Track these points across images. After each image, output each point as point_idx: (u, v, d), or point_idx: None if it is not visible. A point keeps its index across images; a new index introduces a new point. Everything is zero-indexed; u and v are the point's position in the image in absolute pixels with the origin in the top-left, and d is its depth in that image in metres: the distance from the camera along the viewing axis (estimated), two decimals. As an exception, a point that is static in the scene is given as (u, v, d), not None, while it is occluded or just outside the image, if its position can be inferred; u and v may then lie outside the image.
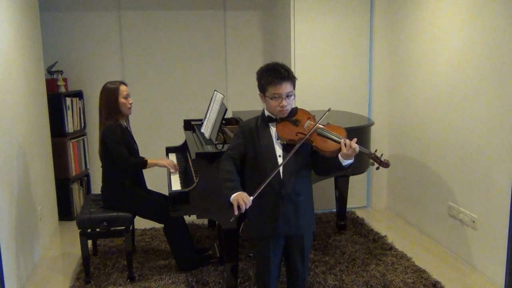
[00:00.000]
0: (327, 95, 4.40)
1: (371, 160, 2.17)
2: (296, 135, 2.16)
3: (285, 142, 2.18)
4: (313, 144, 2.16)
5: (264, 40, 4.95)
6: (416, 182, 4.05)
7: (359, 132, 3.56)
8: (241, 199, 2.04)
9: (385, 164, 2.14)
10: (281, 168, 2.16)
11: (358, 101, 4.48)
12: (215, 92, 3.50)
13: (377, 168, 2.17)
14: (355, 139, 2.12)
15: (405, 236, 3.94)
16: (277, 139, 2.20)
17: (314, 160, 2.25)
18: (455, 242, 3.51)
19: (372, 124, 3.73)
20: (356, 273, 3.19)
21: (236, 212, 2.03)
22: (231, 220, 2.07)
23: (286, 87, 2.14)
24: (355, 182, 4.48)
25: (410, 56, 4.04)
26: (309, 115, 2.25)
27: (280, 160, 2.17)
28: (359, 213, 4.46)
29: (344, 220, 4.01)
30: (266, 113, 2.24)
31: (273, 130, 2.21)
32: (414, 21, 3.95)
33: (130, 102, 3.22)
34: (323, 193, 4.42)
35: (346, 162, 2.12)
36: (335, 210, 4.11)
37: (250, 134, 2.23)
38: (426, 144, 3.85)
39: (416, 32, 3.92)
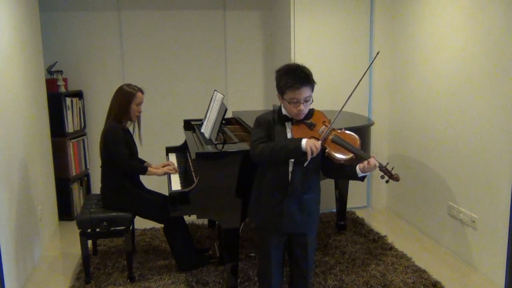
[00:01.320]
0: (327, 95, 4.40)
1: (382, 173, 2.17)
2: (310, 139, 2.16)
3: None
4: (326, 150, 2.16)
5: (264, 40, 4.95)
6: (416, 182, 4.05)
7: (359, 132, 3.56)
8: (313, 144, 2.04)
9: (395, 178, 2.15)
10: (290, 168, 2.16)
11: (358, 101, 4.48)
12: (215, 92, 3.50)
13: (387, 181, 2.17)
14: (375, 155, 2.14)
15: (405, 236, 3.94)
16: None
17: (325, 163, 2.24)
18: (455, 242, 3.51)
19: (372, 124, 3.73)
20: (356, 273, 3.19)
21: (310, 157, 2.04)
22: (305, 165, 2.09)
23: (305, 92, 2.11)
24: (355, 182, 4.46)
25: (410, 56, 4.04)
26: (325, 119, 2.24)
27: (291, 162, 2.18)
28: (359, 213, 4.46)
29: (344, 220, 4.01)
30: (284, 111, 2.22)
31: (288, 129, 2.21)
32: (414, 21, 3.95)
33: (140, 110, 3.24)
34: (323, 193, 4.37)
35: (362, 174, 2.13)
36: (335, 210, 4.11)
37: (268, 127, 2.22)
38: (426, 144, 3.85)
39: (416, 32, 3.92)
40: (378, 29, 4.39)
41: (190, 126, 3.91)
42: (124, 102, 3.16)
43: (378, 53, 2.30)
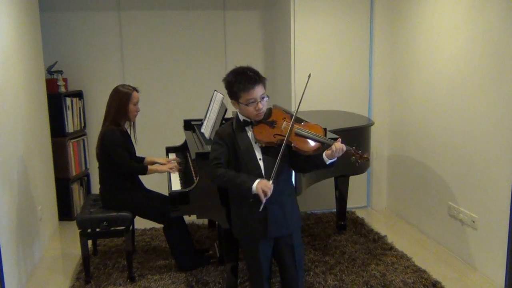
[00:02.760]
0: (327, 95, 4.40)
1: (351, 156, 2.17)
2: (274, 137, 2.14)
3: (263, 145, 2.16)
4: (292, 144, 2.15)
5: (264, 40, 4.95)
6: (416, 182, 4.05)
7: (359, 132, 3.57)
8: (264, 186, 2.04)
9: (365, 158, 2.15)
10: (263, 171, 2.15)
11: (358, 101, 4.48)
12: (215, 92, 3.50)
13: (358, 164, 2.18)
14: (339, 139, 2.13)
15: (405, 236, 3.94)
16: (255, 142, 2.17)
17: (294, 159, 2.24)
18: (455, 242, 3.51)
19: (372, 124, 3.73)
20: (356, 273, 3.19)
21: (264, 200, 2.03)
22: (260, 210, 2.06)
23: (259, 90, 2.12)
24: (355, 182, 4.47)
25: (410, 56, 4.04)
26: (284, 115, 2.23)
27: (261, 164, 2.16)
28: (359, 213, 4.46)
29: (344, 220, 4.01)
30: (241, 117, 2.20)
31: (250, 133, 2.19)
32: (414, 21, 3.95)
33: (137, 109, 3.24)
34: (323, 193, 4.42)
35: (330, 161, 2.12)
36: (335, 210, 4.11)
37: (230, 140, 2.20)
38: (426, 144, 3.85)
39: (416, 32, 3.92)
40: (378, 29, 4.39)
41: (190, 126, 3.91)
42: (122, 103, 3.16)
43: (309, 75, 2.27)
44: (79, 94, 4.58)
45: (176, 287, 3.05)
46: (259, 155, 2.17)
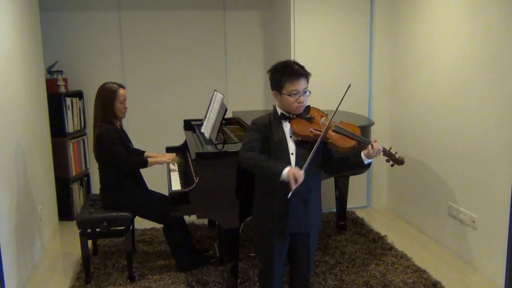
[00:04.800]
0: (327, 95, 4.38)
1: (386, 158, 2.18)
2: (311, 131, 2.16)
3: (299, 139, 2.18)
4: (329, 141, 2.16)
5: (264, 40, 4.95)
6: (416, 182, 4.05)
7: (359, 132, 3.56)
8: (296, 172, 2.02)
9: (400, 161, 2.17)
10: (293, 165, 2.15)
11: (358, 101, 4.48)
12: (215, 92, 3.50)
13: (392, 165, 2.20)
14: (376, 139, 2.15)
15: (405, 236, 3.94)
16: (291, 136, 2.19)
17: (327, 158, 2.25)
18: (455, 242, 3.51)
19: (372, 124, 3.73)
20: (356, 273, 3.19)
21: (294, 187, 2.01)
22: (288, 197, 2.04)
23: (303, 83, 2.16)
24: (355, 182, 4.48)
25: (410, 56, 4.04)
26: (322, 113, 2.26)
27: (292, 158, 2.17)
28: (359, 213, 4.47)
29: (344, 220, 4.01)
30: (279, 110, 2.23)
31: (286, 127, 2.21)
32: (414, 21, 3.95)
33: (126, 106, 3.19)
34: (323, 193, 4.38)
35: (368, 161, 2.14)
36: (335, 210, 4.11)
37: (265, 130, 2.22)
38: (426, 144, 3.85)
39: (416, 32, 3.92)
40: (378, 29, 4.39)
41: (190, 126, 3.91)
42: (109, 102, 3.10)
43: (349, 86, 2.29)
44: (79, 94, 4.58)
45: (176, 287, 3.05)
46: (292, 149, 2.19)
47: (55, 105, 4.22)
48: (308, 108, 2.25)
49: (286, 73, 2.16)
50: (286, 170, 2.04)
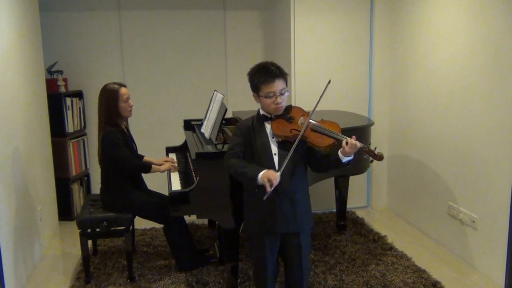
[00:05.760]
0: (327, 95, 4.38)
1: (365, 154, 2.18)
2: (291, 131, 2.17)
3: (280, 140, 2.19)
4: (307, 140, 2.17)
5: (264, 40, 4.95)
6: (416, 182, 4.05)
7: (359, 132, 3.56)
8: (270, 175, 2.03)
9: (379, 157, 2.15)
10: (277, 167, 2.16)
11: (358, 101, 4.47)
12: (215, 92, 3.50)
13: (371, 161, 2.20)
14: (354, 136, 2.14)
15: (405, 236, 3.94)
16: (272, 137, 2.21)
17: (311, 157, 2.26)
18: (455, 242, 3.51)
19: (372, 124, 3.73)
20: (356, 273, 3.19)
21: (269, 189, 2.01)
22: (264, 199, 2.04)
23: (279, 84, 2.17)
24: (355, 182, 4.48)
25: (410, 56, 4.04)
26: (303, 112, 2.27)
27: (276, 159, 2.19)
28: (359, 213, 4.46)
29: (344, 220, 4.01)
30: (261, 112, 2.27)
31: (268, 128, 2.23)
32: (414, 21, 3.95)
33: (130, 105, 3.18)
34: (323, 193, 4.42)
35: (345, 159, 2.13)
36: (335, 210, 4.11)
37: (247, 133, 2.25)
38: (426, 144, 3.85)
39: (416, 32, 3.92)
40: (378, 29, 4.39)
41: (190, 126, 3.91)
42: (112, 103, 3.09)
43: (329, 81, 2.29)
44: (79, 94, 4.58)
45: (176, 287, 3.05)
46: (274, 150, 2.20)
47: (55, 105, 4.22)
48: (289, 108, 2.26)
49: (262, 75, 2.18)
50: (260, 174, 2.05)
